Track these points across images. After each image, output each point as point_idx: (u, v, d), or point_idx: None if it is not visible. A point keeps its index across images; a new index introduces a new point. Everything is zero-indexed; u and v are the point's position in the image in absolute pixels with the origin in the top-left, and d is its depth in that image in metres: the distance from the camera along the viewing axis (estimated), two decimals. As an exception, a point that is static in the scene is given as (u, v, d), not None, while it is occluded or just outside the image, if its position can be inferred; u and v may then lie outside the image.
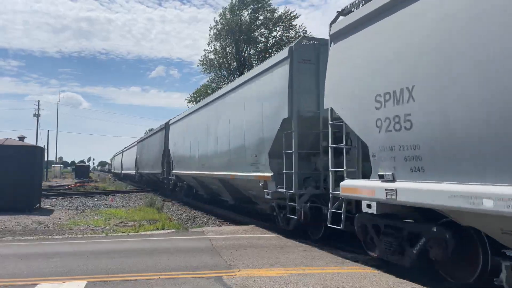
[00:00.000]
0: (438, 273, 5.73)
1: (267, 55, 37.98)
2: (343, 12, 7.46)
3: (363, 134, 6.41)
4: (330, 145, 7.33)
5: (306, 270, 5.96)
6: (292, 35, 40.01)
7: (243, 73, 31.20)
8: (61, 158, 73.68)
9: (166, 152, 22.41)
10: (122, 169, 49.18)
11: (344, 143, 6.94)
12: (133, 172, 37.78)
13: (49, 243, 8.46)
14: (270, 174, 9.38)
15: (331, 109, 7.28)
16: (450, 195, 4.70)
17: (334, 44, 7.40)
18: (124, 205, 18.46)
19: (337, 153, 7.27)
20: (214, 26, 41.55)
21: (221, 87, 23.98)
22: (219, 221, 13.44)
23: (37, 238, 9.29)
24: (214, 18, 67.22)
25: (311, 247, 7.71)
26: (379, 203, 5.99)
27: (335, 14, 7.76)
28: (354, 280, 5.40)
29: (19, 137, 17.21)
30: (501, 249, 4.67)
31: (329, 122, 7.32)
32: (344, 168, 6.92)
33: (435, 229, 5.38)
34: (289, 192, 8.77)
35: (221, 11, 41.18)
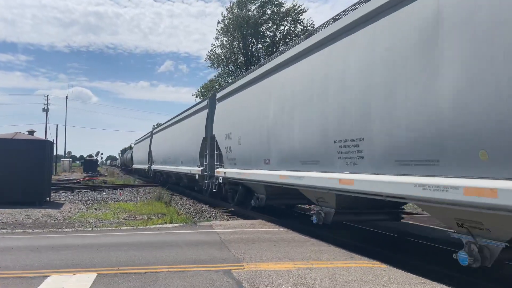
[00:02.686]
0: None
1: (274, 50, 37.87)
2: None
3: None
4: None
5: (315, 264, 5.96)
6: (300, 29, 39.83)
7: (250, 68, 31.09)
8: (69, 152, 74.24)
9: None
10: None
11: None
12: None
13: (59, 236, 8.56)
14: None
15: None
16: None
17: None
18: (133, 199, 18.59)
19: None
20: (221, 21, 41.49)
21: (228, 81, 24.65)
22: (226, 215, 13.49)
23: (47, 231, 9.40)
24: (222, 12, 67.12)
25: (319, 241, 7.70)
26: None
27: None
28: (363, 274, 5.39)
29: (28, 131, 17.32)
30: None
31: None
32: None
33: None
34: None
35: (228, 6, 41.02)
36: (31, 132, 17.24)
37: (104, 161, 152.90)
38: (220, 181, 13.72)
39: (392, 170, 5.75)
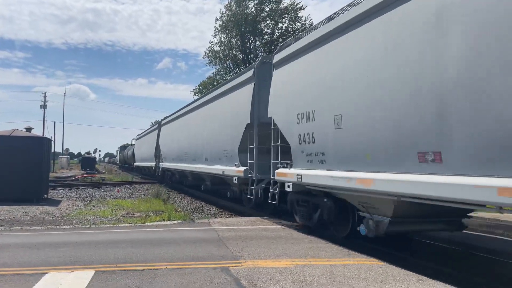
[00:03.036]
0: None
1: (272, 47, 37.78)
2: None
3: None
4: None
5: (312, 261, 5.98)
6: (298, 27, 39.77)
7: (249, 65, 31.17)
8: (67, 149, 74.09)
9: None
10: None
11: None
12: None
13: (57, 233, 8.55)
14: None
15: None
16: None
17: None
18: (131, 196, 18.58)
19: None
20: (220, 18, 41.39)
21: (226, 79, 24.50)
22: (224, 213, 13.51)
23: (45, 228, 9.38)
24: (220, 9, 67.00)
25: (317, 239, 7.72)
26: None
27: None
28: (361, 271, 5.41)
29: (26, 128, 17.32)
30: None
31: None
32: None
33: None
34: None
35: (227, 3, 40.89)
36: (28, 129, 17.23)
37: (102, 159, 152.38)
38: (289, 189, 9.01)
39: None
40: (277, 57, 9.76)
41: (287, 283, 4.89)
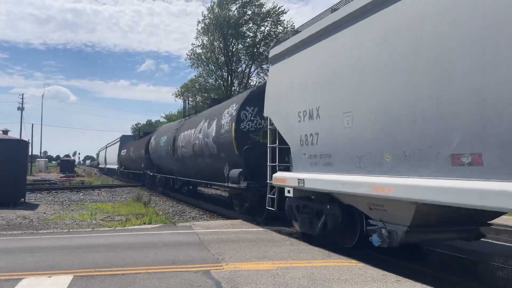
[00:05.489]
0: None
1: (255, 50, 37.89)
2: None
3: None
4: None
5: (293, 263, 6.02)
6: (280, 31, 39.97)
7: (231, 68, 31.20)
8: (45, 152, 72.68)
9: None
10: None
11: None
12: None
13: (34, 238, 8.37)
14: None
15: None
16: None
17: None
18: (111, 200, 18.31)
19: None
20: (202, 20, 41.25)
21: (207, 81, 24.10)
22: (206, 216, 13.46)
23: (22, 232, 9.17)
24: (202, 12, 66.74)
25: (298, 241, 7.78)
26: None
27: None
28: (341, 273, 5.47)
29: (3, 131, 16.84)
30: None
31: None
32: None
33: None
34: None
35: (209, 5, 40.74)
36: (5, 132, 16.77)
37: (82, 161, 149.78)
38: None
39: None
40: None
41: (269, 286, 4.91)
